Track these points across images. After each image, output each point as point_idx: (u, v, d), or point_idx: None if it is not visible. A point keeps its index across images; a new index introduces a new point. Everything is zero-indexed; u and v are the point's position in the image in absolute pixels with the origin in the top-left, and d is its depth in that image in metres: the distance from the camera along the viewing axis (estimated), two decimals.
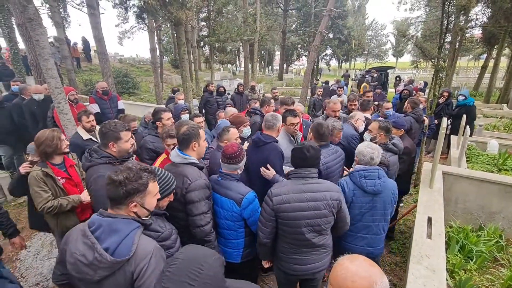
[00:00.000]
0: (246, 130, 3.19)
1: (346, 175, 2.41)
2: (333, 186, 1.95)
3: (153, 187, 1.36)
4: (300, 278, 2.07)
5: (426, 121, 4.72)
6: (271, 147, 2.58)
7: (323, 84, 11.43)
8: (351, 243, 2.29)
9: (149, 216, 1.41)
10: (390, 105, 4.63)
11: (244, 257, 2.18)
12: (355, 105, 4.38)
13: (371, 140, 2.87)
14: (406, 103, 4.86)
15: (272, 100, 4.41)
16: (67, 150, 2.43)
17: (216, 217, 2.12)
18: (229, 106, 5.47)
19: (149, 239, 1.28)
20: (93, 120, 3.32)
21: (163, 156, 2.63)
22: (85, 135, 3.22)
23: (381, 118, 3.40)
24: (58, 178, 2.34)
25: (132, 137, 2.26)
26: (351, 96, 4.50)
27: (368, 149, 2.23)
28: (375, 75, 12.46)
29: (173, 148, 2.20)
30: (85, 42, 15.55)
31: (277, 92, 6.86)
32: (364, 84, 11.16)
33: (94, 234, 1.19)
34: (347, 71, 24.56)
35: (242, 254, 2.17)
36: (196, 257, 1.01)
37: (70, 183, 2.43)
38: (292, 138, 3.01)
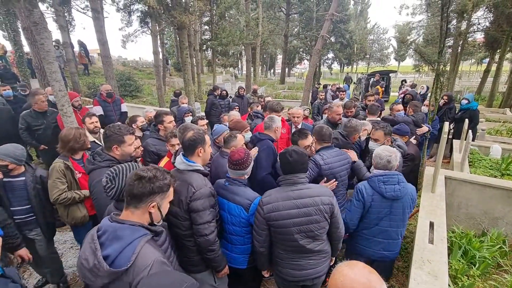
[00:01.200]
0: (248, 136, 3.19)
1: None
2: (325, 190, 1.91)
3: (171, 191, 1.40)
4: (300, 284, 2.04)
5: (425, 128, 4.70)
6: (263, 143, 2.75)
7: (324, 89, 11.48)
8: (366, 247, 2.29)
9: (160, 223, 1.38)
10: (400, 107, 4.65)
11: (250, 262, 2.15)
12: (351, 112, 4.35)
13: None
14: (408, 106, 4.89)
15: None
16: (89, 145, 2.66)
17: (223, 223, 2.08)
18: (235, 109, 5.48)
19: (153, 250, 1.21)
20: (96, 122, 3.42)
21: (165, 159, 2.64)
22: (89, 137, 3.26)
23: (382, 124, 3.40)
24: (76, 172, 2.50)
25: (139, 138, 2.31)
26: (347, 103, 4.46)
27: (385, 152, 2.20)
28: (377, 79, 12.50)
29: (178, 149, 2.20)
30: (81, 45, 15.24)
31: (263, 102, 6.86)
32: (377, 86, 11.27)
33: (100, 239, 1.17)
34: (347, 74, 24.57)
35: (249, 260, 2.14)
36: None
37: (84, 178, 2.54)
38: None
